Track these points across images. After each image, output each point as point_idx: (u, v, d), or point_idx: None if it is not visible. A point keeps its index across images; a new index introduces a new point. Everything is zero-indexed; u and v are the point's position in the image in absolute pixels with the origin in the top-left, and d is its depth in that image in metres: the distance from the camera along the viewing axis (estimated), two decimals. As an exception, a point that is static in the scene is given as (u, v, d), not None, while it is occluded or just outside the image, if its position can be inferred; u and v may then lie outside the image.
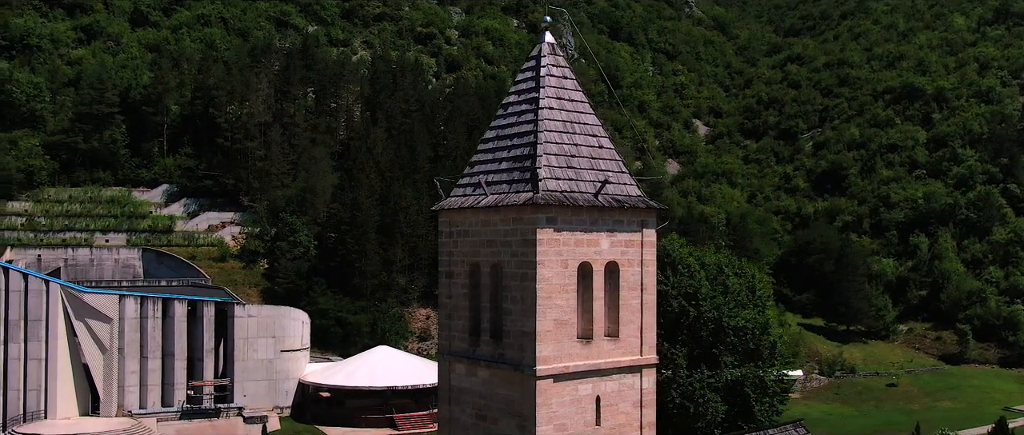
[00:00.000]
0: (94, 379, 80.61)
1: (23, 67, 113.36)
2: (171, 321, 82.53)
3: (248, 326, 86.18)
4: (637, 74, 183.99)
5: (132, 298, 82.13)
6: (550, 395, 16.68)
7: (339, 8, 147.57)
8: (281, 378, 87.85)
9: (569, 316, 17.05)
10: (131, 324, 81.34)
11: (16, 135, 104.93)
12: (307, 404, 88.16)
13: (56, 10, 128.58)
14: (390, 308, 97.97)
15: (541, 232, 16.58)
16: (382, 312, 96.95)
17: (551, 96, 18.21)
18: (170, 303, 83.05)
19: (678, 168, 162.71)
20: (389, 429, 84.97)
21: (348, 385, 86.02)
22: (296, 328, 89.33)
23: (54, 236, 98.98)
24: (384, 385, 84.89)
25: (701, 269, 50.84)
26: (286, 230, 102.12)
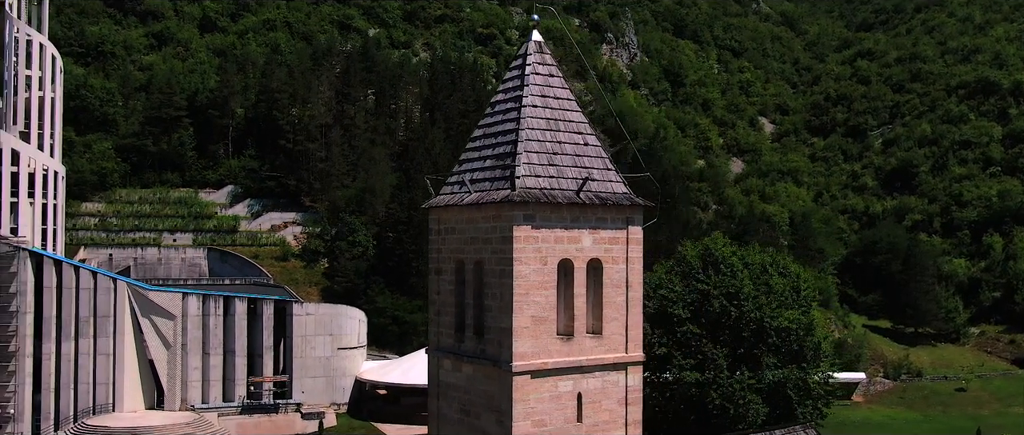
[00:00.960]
0: (159, 374, 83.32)
1: (98, 73, 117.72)
2: (232, 319, 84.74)
3: (306, 324, 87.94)
4: (701, 71, 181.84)
5: (194, 296, 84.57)
6: (528, 391, 16.82)
7: (401, 11, 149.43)
8: (338, 375, 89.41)
9: (548, 313, 17.16)
10: (193, 321, 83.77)
11: (90, 139, 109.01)
12: (364, 401, 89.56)
13: (129, 18, 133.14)
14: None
15: (518, 229, 16.74)
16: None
17: (535, 95, 18.34)
18: (231, 301, 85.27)
19: (742, 166, 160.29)
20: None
21: (403, 383, 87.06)
22: (353, 326, 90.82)
23: (125, 236, 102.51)
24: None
25: (744, 268, 50.13)
26: (346, 230, 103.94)
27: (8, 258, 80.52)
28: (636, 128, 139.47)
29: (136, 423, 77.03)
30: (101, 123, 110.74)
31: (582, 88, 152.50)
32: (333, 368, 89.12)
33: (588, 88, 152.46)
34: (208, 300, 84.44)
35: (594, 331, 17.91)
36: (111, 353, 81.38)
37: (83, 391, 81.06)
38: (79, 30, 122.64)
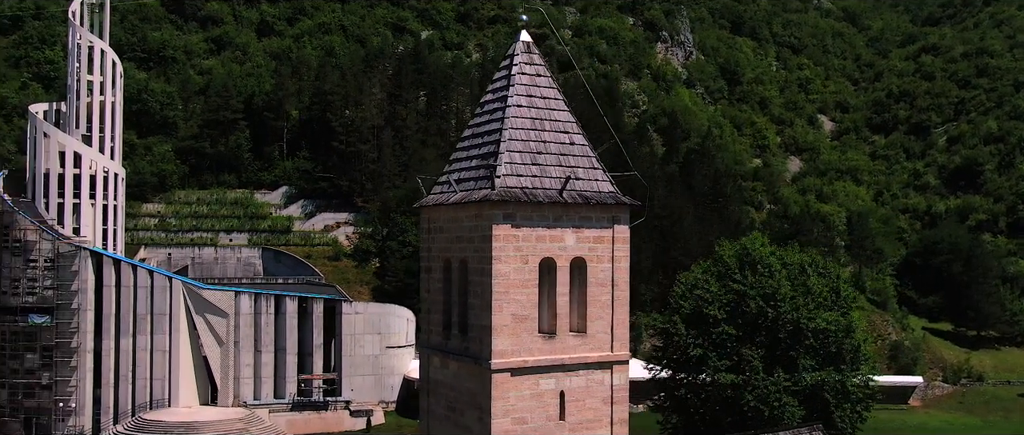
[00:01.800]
0: (212, 370, 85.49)
1: (159, 78, 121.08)
2: (283, 317, 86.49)
3: (355, 323, 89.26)
4: (759, 69, 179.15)
5: (247, 295, 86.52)
6: (507, 388, 16.96)
7: (454, 12, 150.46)
8: (387, 373, 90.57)
9: (529, 311, 17.28)
10: (245, 319, 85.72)
11: (151, 141, 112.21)
12: (412, 399, 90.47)
13: (190, 23, 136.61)
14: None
15: (498, 228, 16.90)
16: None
17: (521, 94, 18.47)
18: (282, 300, 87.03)
19: (800, 165, 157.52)
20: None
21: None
22: (401, 325, 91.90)
23: (183, 236, 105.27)
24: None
25: (782, 268, 49.42)
26: (396, 230, 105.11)
27: (70, 257, 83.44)
28: (689, 127, 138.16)
29: (190, 418, 79.13)
30: (161, 126, 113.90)
31: (636, 88, 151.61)
32: (381, 366, 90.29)
33: (641, 87, 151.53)
34: (260, 299, 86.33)
35: (579, 330, 17.98)
36: (167, 350, 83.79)
37: (140, 386, 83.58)
38: (142, 36, 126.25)
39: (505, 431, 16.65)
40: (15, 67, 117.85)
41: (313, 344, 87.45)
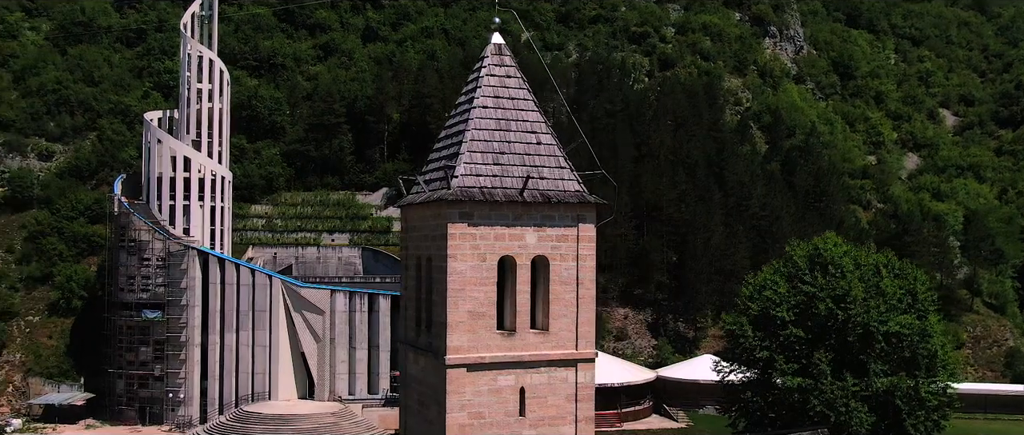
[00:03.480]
0: (309, 366, 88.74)
1: (268, 84, 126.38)
2: (376, 315, 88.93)
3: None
4: (875, 63, 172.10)
5: (342, 293, 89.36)
6: (463, 383, 17.32)
7: (555, 13, 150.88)
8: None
9: (486, 308, 17.58)
10: (341, 317, 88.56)
11: (260, 145, 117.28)
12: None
13: (300, 31, 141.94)
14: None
15: (453, 226, 17.29)
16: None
17: (487, 95, 18.81)
18: (375, 298, 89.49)
19: (917, 162, 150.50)
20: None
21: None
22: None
23: (288, 236, 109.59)
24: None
25: (855, 270, 47.70)
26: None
27: (179, 256, 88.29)
28: (793, 124, 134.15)
29: (286, 411, 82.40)
30: (269, 130, 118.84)
31: (740, 85, 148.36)
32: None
33: (746, 84, 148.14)
34: (354, 296, 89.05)
35: (541, 327, 18.14)
36: (267, 345, 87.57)
37: (243, 379, 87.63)
38: (254, 45, 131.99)
39: (460, 425, 17.00)
40: (138, 77, 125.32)
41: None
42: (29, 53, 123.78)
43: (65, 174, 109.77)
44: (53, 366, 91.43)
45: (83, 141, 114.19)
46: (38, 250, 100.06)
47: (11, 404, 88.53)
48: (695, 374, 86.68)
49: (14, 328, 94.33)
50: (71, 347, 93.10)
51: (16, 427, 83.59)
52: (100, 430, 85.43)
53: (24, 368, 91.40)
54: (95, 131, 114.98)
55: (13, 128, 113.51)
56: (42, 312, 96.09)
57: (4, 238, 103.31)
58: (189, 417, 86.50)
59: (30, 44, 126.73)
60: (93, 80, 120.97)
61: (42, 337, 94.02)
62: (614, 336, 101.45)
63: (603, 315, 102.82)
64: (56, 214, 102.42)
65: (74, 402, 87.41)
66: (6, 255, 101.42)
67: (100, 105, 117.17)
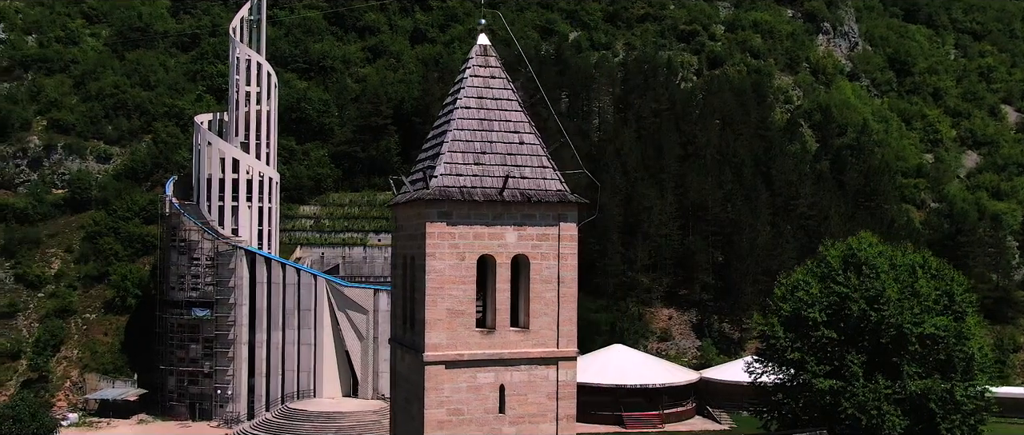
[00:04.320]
0: (353, 364, 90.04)
1: (318, 86, 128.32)
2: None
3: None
4: (933, 58, 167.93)
5: (385, 292, 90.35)
6: (442, 380, 17.57)
7: (603, 12, 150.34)
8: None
9: (465, 306, 17.80)
10: (384, 316, 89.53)
11: (308, 147, 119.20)
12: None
13: (350, 34, 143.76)
14: (629, 307, 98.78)
15: (432, 226, 17.55)
16: (621, 311, 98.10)
17: (471, 96, 19.02)
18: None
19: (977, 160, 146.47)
20: (617, 427, 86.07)
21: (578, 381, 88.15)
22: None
23: (336, 236, 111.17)
24: (612, 383, 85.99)
25: (890, 270, 46.77)
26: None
27: (227, 256, 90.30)
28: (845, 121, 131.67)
29: (330, 408, 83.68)
30: (318, 132, 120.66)
31: (791, 83, 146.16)
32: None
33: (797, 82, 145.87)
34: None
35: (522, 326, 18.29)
36: (312, 343, 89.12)
37: (289, 377, 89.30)
38: (304, 48, 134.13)
39: (439, 422, 17.26)
40: (192, 81, 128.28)
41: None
42: (89, 59, 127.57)
43: (122, 176, 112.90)
44: (108, 362, 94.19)
45: (139, 144, 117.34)
46: (95, 250, 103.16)
47: (68, 399, 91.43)
48: (739, 375, 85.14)
49: (72, 325, 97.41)
50: (126, 344, 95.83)
51: (72, 421, 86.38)
52: (152, 425, 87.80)
53: (81, 364, 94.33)
54: (150, 134, 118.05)
55: (73, 132, 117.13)
56: (99, 310, 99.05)
57: (64, 238, 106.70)
58: (237, 413, 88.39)
59: (90, 50, 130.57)
60: (149, 84, 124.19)
61: (98, 334, 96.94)
62: (658, 337, 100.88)
63: (647, 316, 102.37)
64: (112, 215, 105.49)
65: (127, 398, 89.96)
66: (65, 255, 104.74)
67: (155, 108, 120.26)
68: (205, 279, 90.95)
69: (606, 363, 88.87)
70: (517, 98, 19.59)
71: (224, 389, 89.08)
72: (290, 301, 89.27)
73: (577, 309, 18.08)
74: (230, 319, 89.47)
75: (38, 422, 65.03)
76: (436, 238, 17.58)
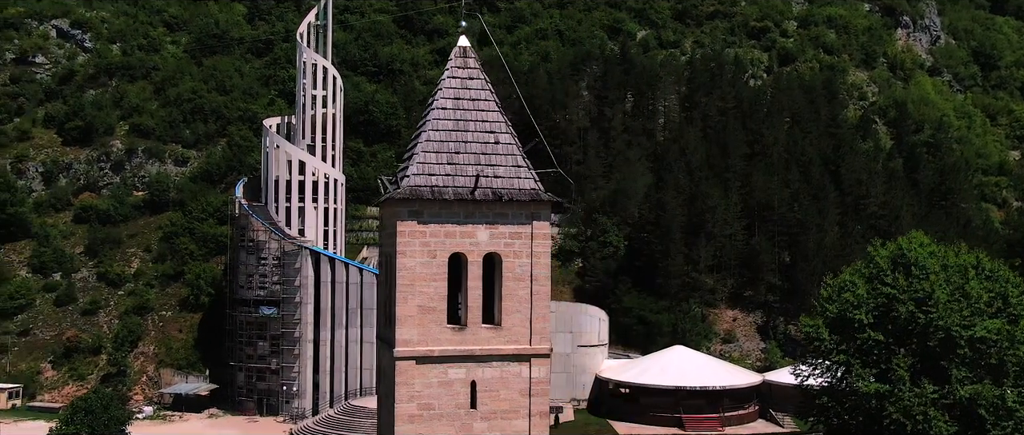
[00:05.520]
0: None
1: (386, 90, 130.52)
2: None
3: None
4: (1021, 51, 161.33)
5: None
6: (412, 375, 17.93)
7: (671, 10, 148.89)
8: (578, 372, 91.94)
9: (436, 303, 18.14)
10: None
11: (376, 148, 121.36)
12: (603, 398, 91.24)
13: (418, 37, 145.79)
14: (692, 308, 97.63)
15: (402, 224, 17.94)
16: (684, 312, 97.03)
17: (447, 97, 19.36)
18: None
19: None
20: (676, 429, 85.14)
21: (640, 382, 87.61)
22: (593, 325, 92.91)
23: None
24: (672, 384, 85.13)
25: (942, 271, 45.23)
26: (598, 231, 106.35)
27: (293, 255, 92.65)
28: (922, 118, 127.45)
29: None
30: (385, 134, 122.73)
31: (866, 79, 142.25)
32: (573, 364, 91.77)
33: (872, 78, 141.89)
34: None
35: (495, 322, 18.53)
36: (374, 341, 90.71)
37: (351, 375, 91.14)
38: (373, 52, 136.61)
39: (410, 416, 17.63)
40: (265, 85, 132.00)
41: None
42: (169, 65, 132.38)
43: (197, 178, 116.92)
44: (182, 358, 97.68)
45: (214, 147, 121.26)
46: (172, 249, 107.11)
47: (144, 393, 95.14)
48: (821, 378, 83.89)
49: (149, 322, 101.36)
50: (199, 341, 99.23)
51: (147, 414, 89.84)
52: (221, 419, 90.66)
53: (157, 359, 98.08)
54: (225, 137, 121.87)
55: (153, 136, 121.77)
56: (174, 307, 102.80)
57: (143, 238, 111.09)
58: (302, 409, 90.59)
59: (170, 57, 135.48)
60: (225, 89, 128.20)
61: (173, 331, 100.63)
62: (721, 338, 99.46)
63: (711, 317, 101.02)
64: (188, 216, 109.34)
65: (199, 392, 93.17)
66: (144, 254, 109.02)
67: (230, 112, 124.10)
68: (272, 278, 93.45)
69: (666, 364, 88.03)
70: (495, 99, 19.84)
71: (290, 386, 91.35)
72: (354, 300, 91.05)
73: (644, 308, 18.14)
74: (296, 317, 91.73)
75: (109, 414, 67.77)
76: (407, 236, 17.97)
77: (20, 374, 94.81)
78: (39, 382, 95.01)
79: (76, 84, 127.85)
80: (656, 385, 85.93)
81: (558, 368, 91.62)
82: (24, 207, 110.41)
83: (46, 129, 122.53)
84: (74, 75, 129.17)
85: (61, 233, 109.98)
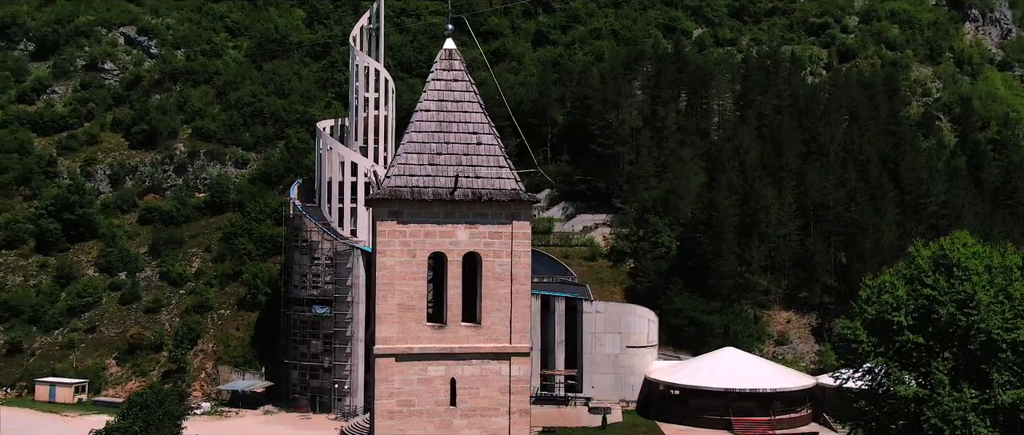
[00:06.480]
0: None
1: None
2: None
3: (596, 321, 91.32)
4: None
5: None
6: (392, 372, 18.28)
7: (728, 7, 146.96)
8: (627, 373, 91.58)
9: (416, 302, 18.44)
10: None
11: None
12: (652, 400, 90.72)
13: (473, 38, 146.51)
14: (744, 309, 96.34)
15: (382, 224, 18.30)
16: (735, 313, 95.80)
17: (431, 100, 19.67)
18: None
19: None
20: (726, 431, 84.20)
21: (689, 384, 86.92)
22: (642, 325, 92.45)
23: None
24: (721, 386, 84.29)
25: (985, 272, 43.86)
26: (650, 231, 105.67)
27: (345, 255, 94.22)
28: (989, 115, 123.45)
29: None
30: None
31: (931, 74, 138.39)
32: (622, 365, 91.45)
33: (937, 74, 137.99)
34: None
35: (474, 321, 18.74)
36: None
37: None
38: (429, 54, 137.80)
39: (390, 412, 17.97)
40: (323, 88, 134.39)
41: (556, 341, 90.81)
42: (230, 70, 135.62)
43: (256, 180, 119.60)
44: (239, 356, 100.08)
45: (273, 149, 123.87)
46: (231, 250, 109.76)
47: (202, 389, 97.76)
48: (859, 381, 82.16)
49: (208, 320, 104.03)
50: (255, 339, 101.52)
51: (205, 410, 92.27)
52: (276, 416, 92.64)
53: (215, 357, 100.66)
54: (283, 140, 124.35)
55: (214, 139, 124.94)
56: (232, 306, 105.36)
57: (204, 239, 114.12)
58: (354, 407, 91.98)
59: (232, 62, 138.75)
60: (283, 92, 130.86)
61: (231, 329, 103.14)
62: (775, 340, 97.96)
63: (764, 318, 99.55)
64: (247, 217, 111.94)
65: (255, 389, 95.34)
66: (205, 254, 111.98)
67: (288, 115, 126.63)
68: (325, 278, 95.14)
69: (716, 366, 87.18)
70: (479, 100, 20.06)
71: (342, 383, 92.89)
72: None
73: (696, 309, 18.24)
74: (347, 316, 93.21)
75: (164, 410, 69.80)
76: (386, 236, 18.32)
77: (87, 370, 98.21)
78: (104, 377, 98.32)
79: (142, 89, 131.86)
80: (705, 387, 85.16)
81: (606, 369, 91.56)
82: (92, 209, 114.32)
83: (114, 133, 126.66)
84: (140, 81, 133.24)
85: (126, 234, 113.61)
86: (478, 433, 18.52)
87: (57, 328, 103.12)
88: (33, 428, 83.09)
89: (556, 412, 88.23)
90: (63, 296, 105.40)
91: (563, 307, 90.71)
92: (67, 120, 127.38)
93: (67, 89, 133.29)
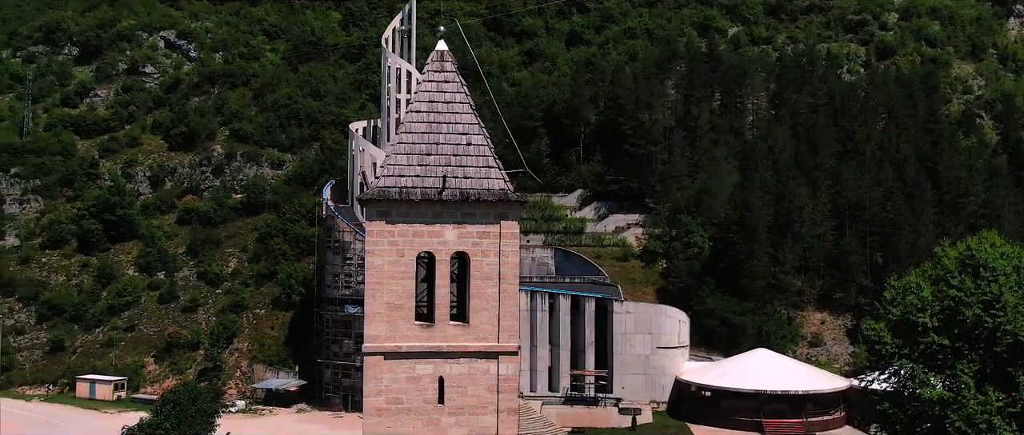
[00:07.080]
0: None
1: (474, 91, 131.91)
2: (556, 314, 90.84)
3: (626, 322, 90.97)
4: None
5: (523, 292, 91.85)
6: (380, 370, 18.51)
7: (764, 5, 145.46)
8: (657, 374, 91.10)
9: (405, 300, 18.65)
10: (522, 316, 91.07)
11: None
12: (683, 401, 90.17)
13: (507, 39, 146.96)
14: (777, 310, 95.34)
15: (370, 224, 18.54)
16: (768, 314, 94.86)
17: (422, 100, 19.85)
18: (556, 297, 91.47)
19: None
20: (757, 433, 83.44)
21: (720, 385, 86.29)
22: (673, 326, 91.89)
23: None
24: (752, 388, 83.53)
25: (1013, 273, 43.03)
26: (682, 231, 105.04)
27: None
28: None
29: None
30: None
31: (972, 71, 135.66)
32: (652, 366, 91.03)
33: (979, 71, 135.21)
34: (535, 296, 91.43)
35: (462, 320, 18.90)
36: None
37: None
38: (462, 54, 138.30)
39: (378, 410, 18.21)
40: (357, 90, 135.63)
41: (586, 341, 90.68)
42: (267, 72, 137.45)
43: (291, 181, 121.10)
44: (274, 355, 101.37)
45: (308, 150, 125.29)
46: (266, 250, 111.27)
47: (238, 387, 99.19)
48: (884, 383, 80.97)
49: (244, 319, 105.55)
50: (290, 338, 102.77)
51: (240, 408, 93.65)
52: (309, 414, 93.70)
53: (250, 355, 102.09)
54: (318, 141, 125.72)
55: (251, 140, 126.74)
56: (267, 305, 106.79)
57: (240, 239, 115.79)
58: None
59: (269, 64, 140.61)
60: (319, 94, 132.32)
61: (266, 328, 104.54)
62: (808, 342, 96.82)
63: (798, 319, 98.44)
64: (282, 217, 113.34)
65: (289, 388, 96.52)
66: (241, 254, 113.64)
67: (323, 117, 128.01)
68: (357, 278, 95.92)
69: (748, 367, 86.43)
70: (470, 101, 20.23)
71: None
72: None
73: (728, 309, 18.34)
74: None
75: (197, 407, 70.96)
76: (375, 235, 18.56)
77: (126, 367, 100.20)
78: (142, 375, 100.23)
79: (181, 92, 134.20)
80: (737, 388, 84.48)
81: (637, 369, 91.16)
82: (132, 209, 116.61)
83: (153, 135, 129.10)
84: (180, 83, 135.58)
85: (165, 234, 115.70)
86: (466, 431, 18.69)
87: (98, 327, 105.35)
88: (73, 424, 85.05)
89: (585, 412, 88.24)
90: (104, 295, 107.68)
91: (593, 307, 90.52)
92: (109, 123, 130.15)
93: (109, 92, 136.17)
